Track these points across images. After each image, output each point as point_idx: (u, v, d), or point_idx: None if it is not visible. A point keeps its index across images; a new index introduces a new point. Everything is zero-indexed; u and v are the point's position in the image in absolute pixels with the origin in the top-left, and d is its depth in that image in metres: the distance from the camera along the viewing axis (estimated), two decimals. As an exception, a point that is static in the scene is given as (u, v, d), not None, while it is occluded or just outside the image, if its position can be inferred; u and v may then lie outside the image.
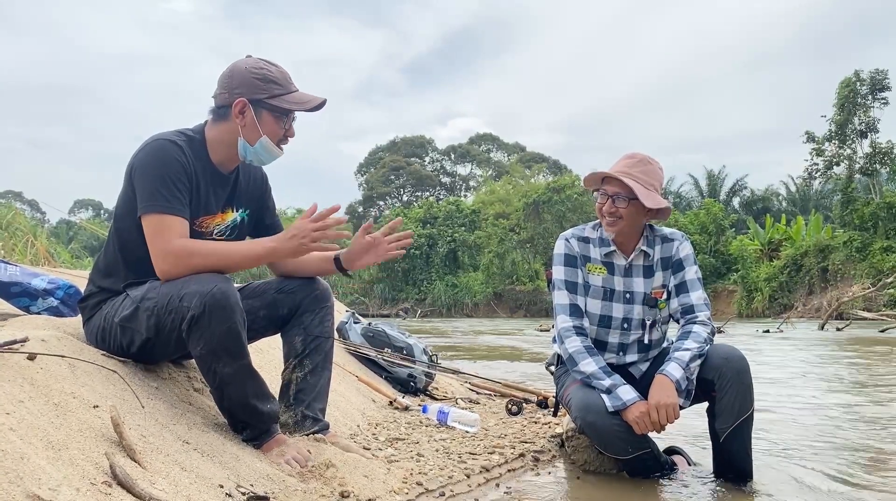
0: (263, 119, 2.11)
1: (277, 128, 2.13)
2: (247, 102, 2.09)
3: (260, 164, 2.23)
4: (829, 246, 26.95)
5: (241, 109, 2.09)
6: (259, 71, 2.10)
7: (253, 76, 2.09)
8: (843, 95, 27.34)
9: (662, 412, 2.28)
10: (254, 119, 2.10)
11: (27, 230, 8.58)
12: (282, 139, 2.16)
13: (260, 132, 2.11)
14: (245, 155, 2.16)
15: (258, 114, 2.10)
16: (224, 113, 2.13)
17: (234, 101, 2.09)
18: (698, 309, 2.53)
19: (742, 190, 44.91)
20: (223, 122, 2.13)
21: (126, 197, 2.08)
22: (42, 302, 2.78)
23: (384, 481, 2.05)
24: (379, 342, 4.29)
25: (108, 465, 1.47)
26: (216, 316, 1.87)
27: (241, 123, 2.10)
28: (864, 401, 4.56)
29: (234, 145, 2.14)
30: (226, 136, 2.13)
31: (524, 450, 2.71)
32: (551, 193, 37.28)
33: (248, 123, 2.10)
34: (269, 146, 2.13)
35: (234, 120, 2.11)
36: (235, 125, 2.11)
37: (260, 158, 2.17)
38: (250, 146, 2.12)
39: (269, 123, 2.11)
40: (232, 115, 2.10)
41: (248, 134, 2.11)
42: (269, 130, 2.12)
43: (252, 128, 2.11)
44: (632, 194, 2.45)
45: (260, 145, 2.12)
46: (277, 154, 2.18)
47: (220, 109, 2.14)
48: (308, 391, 2.27)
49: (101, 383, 1.86)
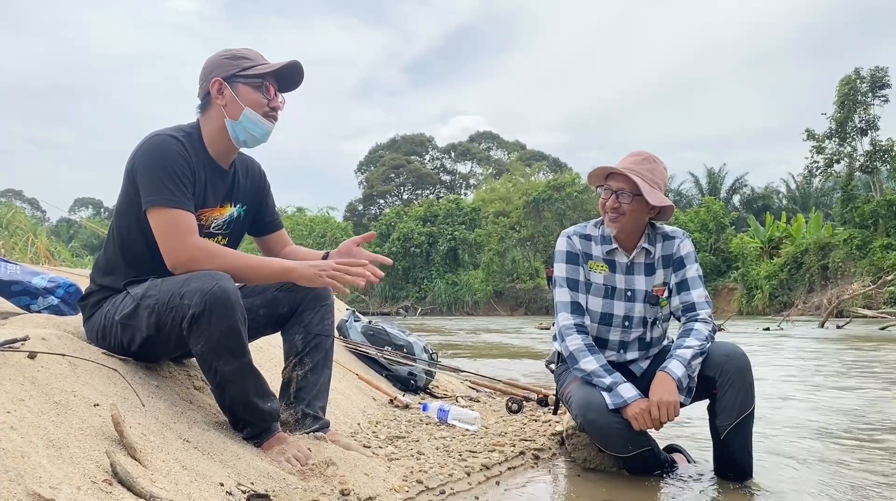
0: (241, 92, 2.13)
1: (258, 97, 2.14)
2: (222, 81, 2.12)
3: (254, 142, 2.19)
4: (830, 244, 26.93)
5: (218, 89, 2.13)
6: (227, 52, 2.17)
7: (222, 58, 2.16)
8: (843, 93, 27.29)
9: (664, 409, 2.28)
10: (232, 94, 2.12)
11: (27, 229, 8.58)
12: (268, 112, 2.16)
13: (241, 105, 2.12)
14: (236, 135, 2.16)
15: (234, 88, 2.13)
16: (206, 101, 2.17)
17: (210, 83, 2.13)
18: (699, 307, 2.53)
19: (742, 188, 44.92)
20: (208, 110, 2.17)
21: (127, 195, 2.09)
22: (42, 301, 2.78)
23: (384, 479, 2.05)
24: (379, 340, 4.29)
25: (108, 463, 1.47)
26: (217, 314, 1.87)
27: (223, 102, 2.13)
28: (864, 399, 4.57)
29: (226, 131, 2.15)
30: (214, 122, 2.15)
31: (524, 448, 2.71)
32: (551, 191, 37.28)
33: (227, 100, 2.13)
34: (254, 117, 2.13)
35: (215, 103, 2.14)
36: (219, 107, 2.14)
37: (250, 133, 2.16)
38: (236, 122, 2.13)
39: (247, 93, 2.13)
40: (212, 99, 2.13)
41: (231, 111, 2.13)
42: (249, 100, 2.13)
43: (233, 103, 2.12)
44: (636, 190, 2.45)
45: (244, 118, 2.13)
46: (266, 125, 2.17)
47: (203, 99, 2.18)
48: (308, 390, 2.27)
49: (101, 381, 1.86)
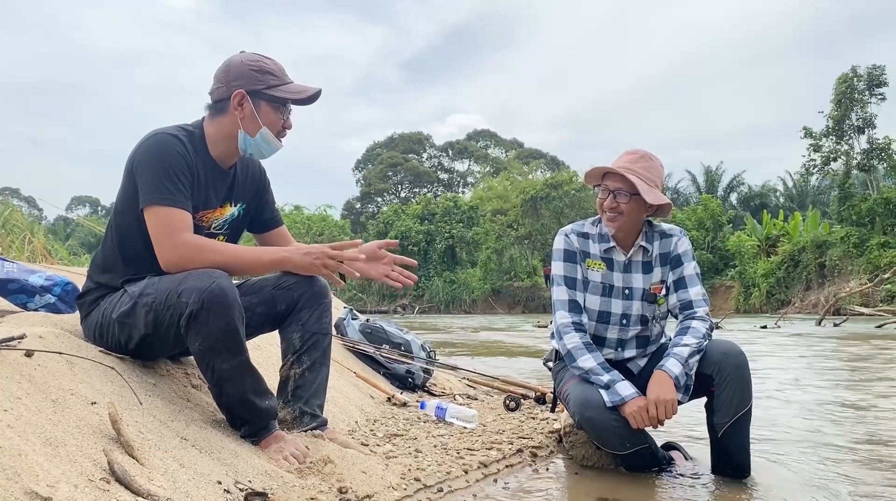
0: (262, 110, 2.11)
1: (276, 119, 2.14)
2: (245, 94, 2.09)
3: (260, 157, 2.22)
4: (827, 242, 26.96)
5: (239, 101, 2.10)
6: (255, 63, 2.12)
7: (250, 68, 2.11)
8: (840, 91, 27.29)
9: (661, 408, 2.29)
10: (253, 110, 2.11)
11: (24, 227, 8.54)
12: (280, 131, 2.17)
13: (260, 124, 2.11)
14: (245, 148, 2.16)
15: (257, 105, 2.11)
16: (222, 107, 2.13)
17: (233, 93, 2.09)
18: (697, 305, 2.53)
19: (740, 186, 45.05)
20: (221, 115, 2.14)
21: (126, 192, 2.08)
22: (39, 299, 2.78)
23: (382, 477, 2.05)
24: (377, 338, 4.29)
25: (106, 462, 1.47)
26: (214, 312, 1.87)
27: (241, 115, 2.11)
28: (860, 396, 4.58)
29: (234, 139, 2.14)
30: (225, 129, 2.14)
31: (522, 446, 2.72)
32: (549, 189, 37.27)
33: (247, 114, 2.11)
34: (270, 138, 2.14)
35: (233, 112, 2.11)
36: (235, 118, 2.12)
37: (261, 151, 2.17)
38: (251, 138, 2.13)
39: (267, 113, 2.12)
40: (230, 107, 2.11)
41: (247, 126, 2.12)
42: (268, 120, 2.12)
43: (251, 119, 2.11)
44: (633, 190, 2.45)
45: (260, 137, 2.13)
46: (277, 146, 2.18)
47: (218, 103, 2.14)
48: (306, 388, 2.27)
49: (98, 379, 1.86)
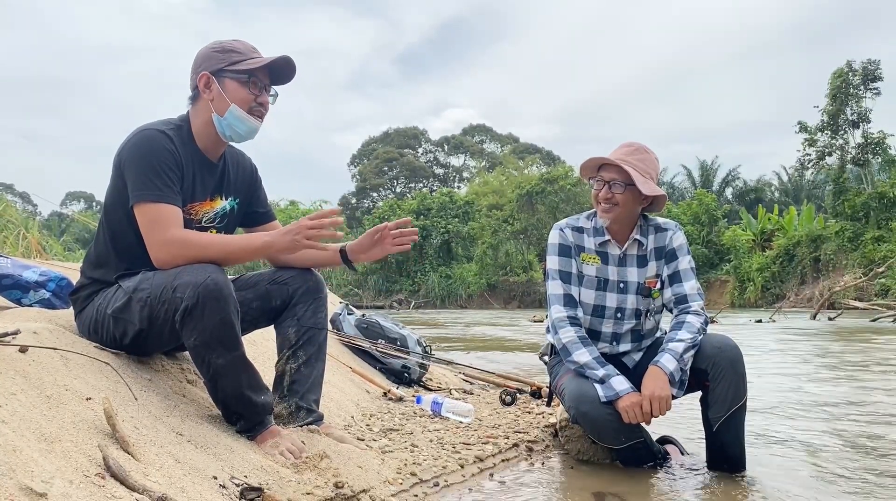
0: (228, 87, 2.11)
1: (246, 95, 2.12)
2: (209, 75, 2.11)
3: (239, 138, 2.18)
4: (821, 236, 27.05)
5: (205, 83, 2.12)
6: (218, 44, 2.14)
7: (212, 50, 2.13)
8: (835, 86, 27.34)
9: (655, 403, 2.29)
10: (219, 90, 2.11)
11: (19, 223, 8.51)
12: (255, 107, 2.14)
13: (227, 101, 2.11)
14: (221, 129, 2.15)
15: (221, 83, 2.11)
16: (195, 94, 2.15)
17: (198, 77, 2.11)
18: (692, 299, 2.53)
19: (735, 180, 45.09)
20: (197, 103, 2.16)
21: (115, 188, 2.08)
22: (34, 294, 2.77)
23: (378, 471, 2.05)
24: (373, 333, 4.29)
25: (101, 457, 1.47)
26: (210, 307, 1.86)
27: (210, 96, 2.12)
28: (856, 390, 4.60)
29: (213, 125, 2.15)
30: (202, 115, 2.15)
31: (518, 440, 2.72)
32: (544, 184, 37.25)
33: (214, 94, 2.12)
34: (240, 114, 2.12)
35: (203, 97, 2.13)
36: (206, 102, 2.13)
37: (235, 130, 2.14)
38: (222, 118, 2.12)
39: (234, 89, 2.12)
40: (200, 93, 2.13)
41: (217, 106, 2.12)
42: (236, 97, 2.11)
43: (219, 98, 2.11)
44: (629, 181, 2.45)
45: (230, 114, 2.12)
46: (252, 124, 2.15)
47: (193, 92, 2.17)
48: (302, 383, 2.27)
49: (93, 375, 1.86)
